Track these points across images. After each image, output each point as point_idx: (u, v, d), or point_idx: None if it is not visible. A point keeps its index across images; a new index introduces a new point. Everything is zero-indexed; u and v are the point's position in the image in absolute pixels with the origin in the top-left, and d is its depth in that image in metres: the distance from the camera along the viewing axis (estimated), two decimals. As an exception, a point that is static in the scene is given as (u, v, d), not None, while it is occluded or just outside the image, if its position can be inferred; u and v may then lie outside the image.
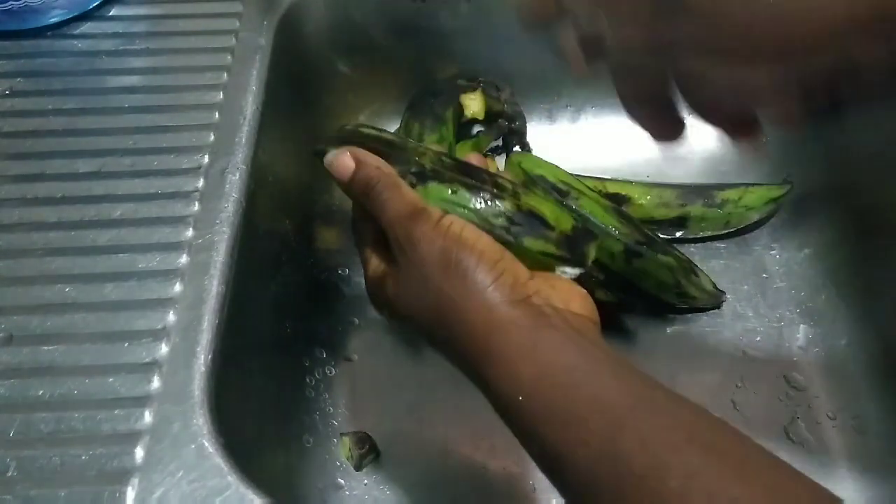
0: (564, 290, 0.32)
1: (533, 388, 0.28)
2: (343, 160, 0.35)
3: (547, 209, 0.35)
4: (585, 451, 0.26)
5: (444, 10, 0.60)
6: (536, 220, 0.35)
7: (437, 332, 0.31)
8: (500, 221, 0.34)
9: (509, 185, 0.36)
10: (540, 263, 0.34)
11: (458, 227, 0.31)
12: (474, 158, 0.38)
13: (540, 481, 0.49)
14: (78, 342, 0.37)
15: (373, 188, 0.33)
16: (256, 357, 0.45)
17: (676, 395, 0.27)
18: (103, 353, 0.37)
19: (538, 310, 0.30)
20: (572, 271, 0.35)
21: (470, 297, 0.30)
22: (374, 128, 0.38)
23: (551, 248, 0.34)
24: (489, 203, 0.34)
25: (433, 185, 0.34)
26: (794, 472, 0.25)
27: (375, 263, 0.35)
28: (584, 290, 0.33)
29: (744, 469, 0.24)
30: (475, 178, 0.35)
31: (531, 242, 0.34)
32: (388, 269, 0.33)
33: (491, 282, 0.30)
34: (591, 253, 0.35)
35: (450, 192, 0.34)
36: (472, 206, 0.34)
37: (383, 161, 0.35)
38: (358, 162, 0.34)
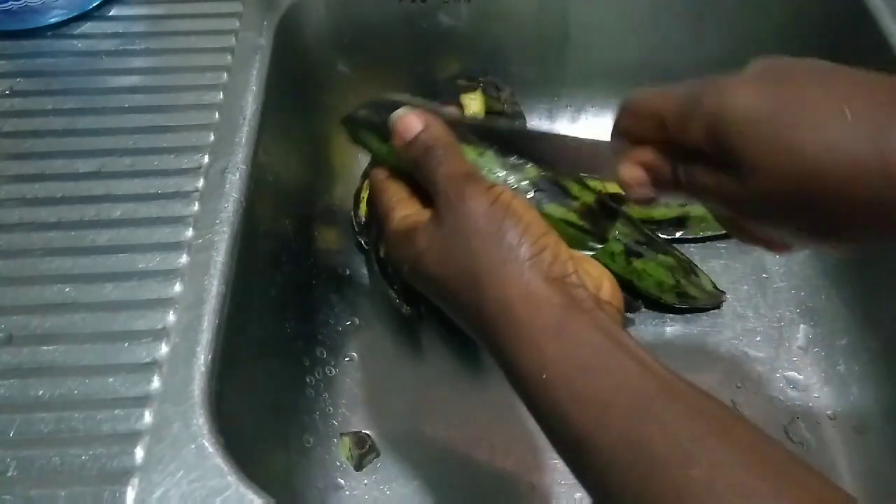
0: (595, 276, 0.32)
1: (557, 368, 0.28)
2: (411, 120, 0.34)
3: (569, 181, 0.35)
4: (606, 434, 0.26)
5: (443, 11, 0.60)
6: (559, 189, 0.35)
7: (465, 295, 0.31)
8: (524, 185, 0.34)
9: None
10: (562, 234, 0.34)
11: (508, 196, 0.31)
12: None
13: (540, 481, 0.49)
14: (78, 342, 0.37)
15: (435, 149, 0.33)
16: (256, 357, 0.45)
17: (699, 388, 0.27)
18: (103, 353, 0.36)
19: (572, 291, 0.30)
20: (592, 244, 0.35)
21: (508, 266, 0.30)
22: (401, 96, 0.38)
23: (573, 217, 0.34)
24: (514, 168, 0.35)
25: (461, 146, 0.35)
26: (813, 471, 0.25)
27: (403, 215, 0.34)
28: (614, 279, 0.33)
29: (766, 463, 0.24)
30: (502, 145, 0.36)
31: (553, 209, 0.34)
32: (422, 222, 0.33)
33: (531, 255, 0.30)
34: (613, 229, 0.36)
35: (476, 154, 0.35)
36: (496, 169, 0.35)
37: (447, 128, 0.35)
38: (426, 125, 0.34)
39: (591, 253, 0.35)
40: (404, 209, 0.35)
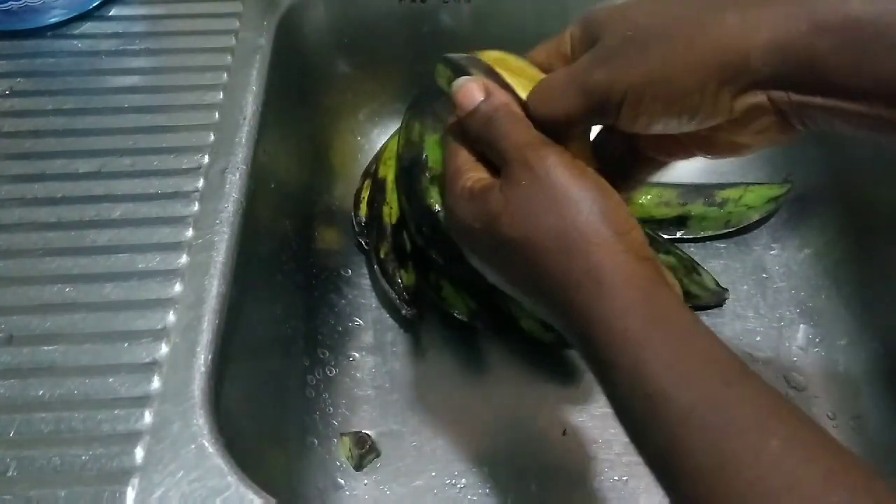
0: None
1: (644, 326, 0.28)
2: (472, 89, 0.34)
3: None
4: (686, 393, 0.26)
5: (444, 11, 0.60)
6: None
7: (551, 257, 0.30)
8: None
9: None
10: None
11: (593, 171, 0.32)
12: None
13: (540, 481, 0.49)
14: (78, 342, 0.37)
15: (496, 120, 0.33)
16: (256, 357, 0.45)
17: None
18: (103, 353, 0.37)
19: (660, 269, 0.30)
20: None
21: (602, 233, 0.30)
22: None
23: None
24: None
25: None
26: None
27: (479, 177, 0.34)
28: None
29: (841, 451, 0.25)
30: None
31: None
32: (495, 185, 0.33)
33: (625, 231, 0.30)
34: None
35: None
36: None
37: (510, 95, 0.35)
38: (487, 94, 0.34)
39: None
40: (477, 171, 0.35)
